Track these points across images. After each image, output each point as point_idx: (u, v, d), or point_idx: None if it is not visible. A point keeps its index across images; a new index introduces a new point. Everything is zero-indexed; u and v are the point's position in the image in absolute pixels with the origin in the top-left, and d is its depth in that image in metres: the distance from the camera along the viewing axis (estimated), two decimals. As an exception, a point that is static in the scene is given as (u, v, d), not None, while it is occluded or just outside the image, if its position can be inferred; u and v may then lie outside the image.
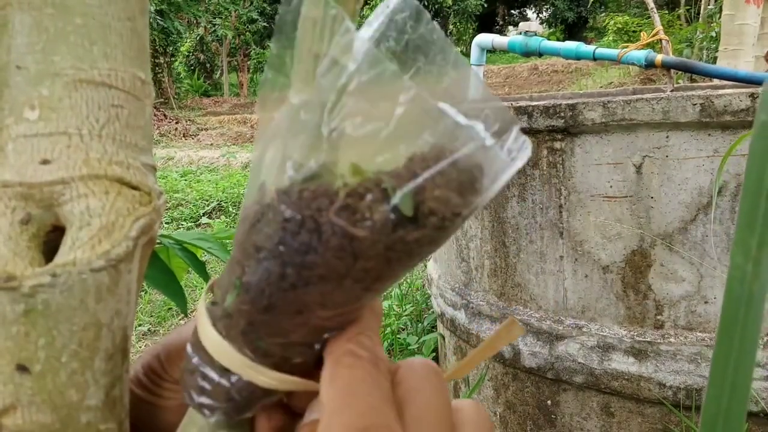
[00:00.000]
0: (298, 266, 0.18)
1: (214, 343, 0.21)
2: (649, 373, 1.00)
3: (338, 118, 0.17)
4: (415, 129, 0.17)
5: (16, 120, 0.24)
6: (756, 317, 0.14)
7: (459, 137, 0.17)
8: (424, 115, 0.17)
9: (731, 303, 0.14)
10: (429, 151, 0.17)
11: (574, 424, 1.11)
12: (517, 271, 1.19)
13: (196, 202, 3.81)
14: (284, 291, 0.18)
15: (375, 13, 0.20)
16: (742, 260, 0.14)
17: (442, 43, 0.19)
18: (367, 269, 0.18)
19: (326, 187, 0.17)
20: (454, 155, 0.17)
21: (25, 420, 0.22)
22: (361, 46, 0.17)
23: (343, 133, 0.17)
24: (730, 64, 2.49)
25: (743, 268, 0.14)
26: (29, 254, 0.22)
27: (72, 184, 0.23)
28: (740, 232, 0.14)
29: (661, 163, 0.99)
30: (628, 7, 9.83)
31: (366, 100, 0.17)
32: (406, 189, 0.17)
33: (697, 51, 5.05)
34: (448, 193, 0.17)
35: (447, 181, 0.17)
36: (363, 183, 0.17)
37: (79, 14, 0.24)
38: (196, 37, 12.74)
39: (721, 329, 0.15)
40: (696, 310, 1.02)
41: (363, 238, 0.17)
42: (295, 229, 0.17)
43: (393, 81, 0.17)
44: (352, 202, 0.17)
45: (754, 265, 0.14)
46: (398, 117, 0.17)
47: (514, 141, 0.18)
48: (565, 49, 1.39)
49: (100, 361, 0.23)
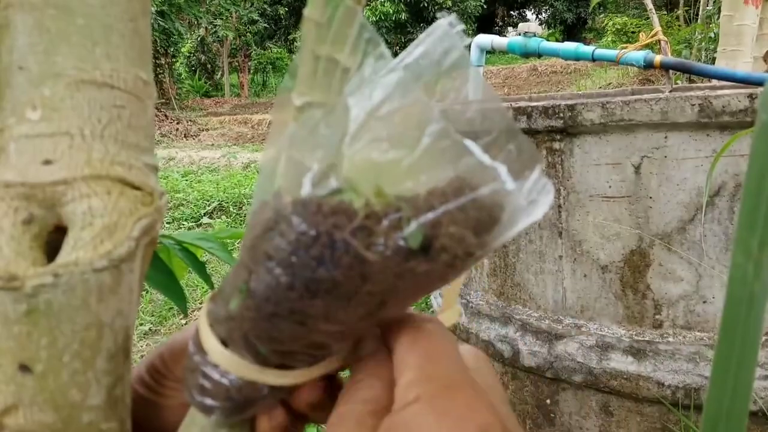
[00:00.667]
0: (307, 279, 0.18)
1: (215, 346, 0.21)
2: (647, 372, 1.00)
3: (364, 141, 0.17)
4: (438, 161, 0.17)
5: (18, 120, 0.24)
6: (757, 317, 0.14)
7: (481, 176, 0.17)
8: (449, 149, 0.17)
9: (732, 303, 0.14)
10: (449, 185, 0.17)
11: (573, 423, 1.11)
12: (516, 270, 1.19)
13: (197, 202, 3.81)
14: (290, 301, 0.18)
15: (418, 40, 0.20)
16: (743, 260, 0.14)
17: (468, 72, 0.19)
18: (373, 293, 0.18)
19: (345, 205, 0.17)
20: (473, 194, 0.17)
21: (27, 420, 0.22)
22: (395, 73, 0.17)
23: (367, 157, 0.17)
24: (728, 64, 2.50)
25: (744, 269, 0.14)
26: (31, 254, 0.23)
27: (74, 185, 0.23)
28: (741, 233, 0.14)
29: (660, 164, 1.00)
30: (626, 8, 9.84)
31: (394, 127, 0.17)
32: (421, 221, 0.17)
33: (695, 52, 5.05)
34: (463, 231, 0.17)
35: (464, 219, 0.17)
36: (383, 207, 0.17)
37: (81, 15, 0.24)
38: (197, 38, 12.73)
39: (723, 329, 0.15)
40: (694, 309, 1.02)
41: (374, 262, 0.17)
42: (309, 242, 0.17)
43: (422, 111, 0.17)
44: (370, 225, 0.17)
45: (755, 265, 0.14)
46: (424, 148, 0.17)
47: (535, 182, 0.18)
48: (564, 49, 1.40)
49: (102, 361, 0.23)
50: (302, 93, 0.20)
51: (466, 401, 0.18)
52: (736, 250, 0.14)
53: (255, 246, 0.19)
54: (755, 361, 0.15)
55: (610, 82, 7.65)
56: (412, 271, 0.18)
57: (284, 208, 0.18)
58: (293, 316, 0.19)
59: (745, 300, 0.14)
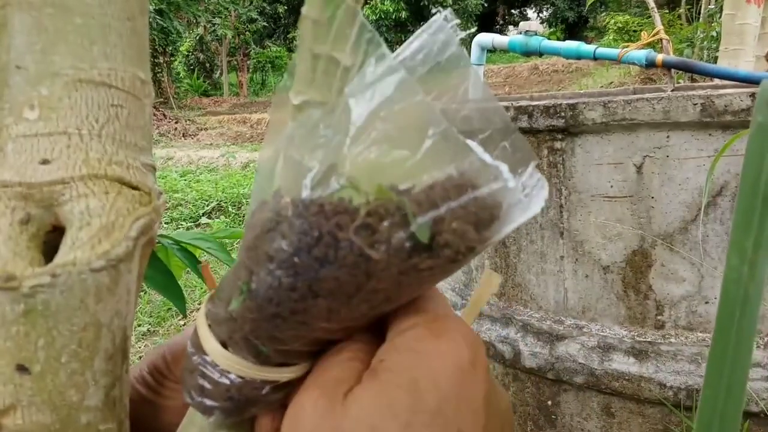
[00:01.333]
0: (310, 279, 0.18)
1: (214, 346, 0.21)
2: (649, 373, 1.00)
3: (365, 142, 0.17)
4: (440, 161, 0.17)
5: (16, 120, 0.24)
6: (751, 318, 0.14)
7: (483, 175, 0.17)
8: (450, 149, 0.17)
9: (727, 304, 0.14)
10: (451, 183, 0.17)
11: (575, 425, 1.11)
12: (518, 271, 1.19)
13: (195, 202, 3.81)
14: (293, 302, 0.18)
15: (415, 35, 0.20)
16: (737, 262, 0.14)
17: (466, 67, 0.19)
18: (377, 290, 0.18)
19: (347, 204, 0.17)
20: (476, 191, 0.17)
21: (24, 420, 0.22)
22: (397, 74, 0.17)
23: (369, 157, 0.17)
24: (730, 63, 2.49)
25: (739, 270, 0.14)
26: (29, 254, 0.22)
27: (72, 184, 0.23)
28: (736, 234, 0.14)
29: (662, 163, 0.99)
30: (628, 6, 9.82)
31: (395, 128, 0.17)
32: (427, 217, 0.17)
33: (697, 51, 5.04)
34: (465, 226, 0.18)
35: (466, 215, 0.17)
36: (384, 204, 0.17)
37: (79, 14, 0.24)
38: (195, 37, 12.74)
39: (717, 330, 0.15)
40: (697, 310, 1.02)
41: (378, 260, 0.17)
42: (312, 242, 0.17)
43: (424, 111, 0.17)
44: (373, 222, 0.17)
45: (750, 266, 0.14)
46: (426, 149, 0.17)
47: (530, 177, 0.19)
48: (565, 48, 1.39)
49: (100, 362, 0.23)
50: (300, 92, 0.20)
51: (458, 325, 0.20)
52: (731, 251, 0.14)
53: (255, 247, 0.19)
54: (749, 362, 0.15)
55: (611, 81, 7.63)
56: (416, 267, 0.18)
57: (284, 209, 0.18)
58: (296, 316, 0.18)
59: (739, 301, 0.14)
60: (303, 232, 0.17)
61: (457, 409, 0.18)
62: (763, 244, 0.13)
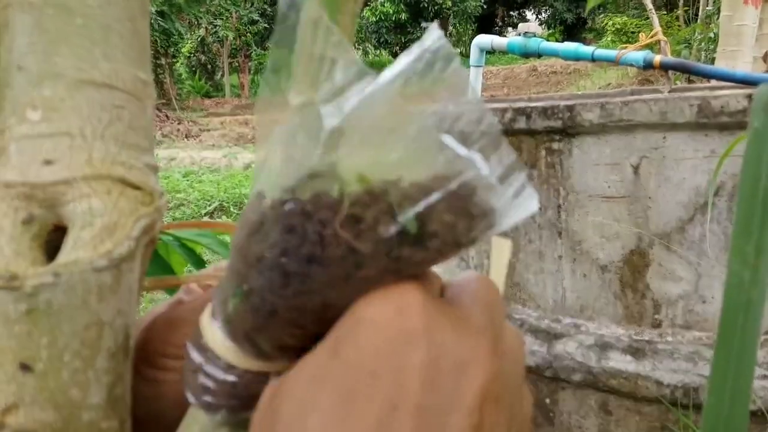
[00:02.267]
0: (300, 277, 0.18)
1: (220, 341, 0.21)
2: (646, 371, 1.01)
3: (341, 147, 0.17)
4: (419, 159, 0.18)
5: (19, 120, 0.24)
6: (754, 324, 0.14)
7: (459, 166, 0.18)
8: (429, 147, 0.17)
9: (730, 310, 0.14)
10: (432, 176, 0.18)
11: (573, 423, 1.11)
12: (516, 270, 1.19)
13: (197, 202, 3.82)
14: (287, 299, 0.18)
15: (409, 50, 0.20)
16: (739, 268, 0.14)
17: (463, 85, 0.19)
18: (368, 278, 0.18)
19: (329, 198, 0.17)
20: (456, 181, 0.18)
21: (27, 418, 0.22)
22: (368, 77, 0.17)
23: (346, 161, 0.17)
24: (728, 65, 2.49)
25: (741, 276, 0.14)
26: (32, 254, 0.23)
27: (74, 184, 0.23)
28: (736, 240, 0.14)
29: (659, 164, 1.00)
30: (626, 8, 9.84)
31: (373, 131, 0.17)
32: (416, 208, 0.17)
33: (695, 52, 5.05)
34: (453, 218, 0.18)
35: (451, 207, 0.18)
36: (368, 192, 0.17)
37: (80, 15, 0.24)
38: (197, 38, 12.72)
39: (720, 336, 0.15)
40: (694, 309, 1.02)
41: (365, 251, 0.17)
42: (297, 242, 0.17)
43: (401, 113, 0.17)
44: (357, 212, 0.17)
45: (752, 272, 0.14)
46: (403, 146, 0.17)
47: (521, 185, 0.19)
48: (564, 50, 1.40)
49: (103, 360, 0.23)
50: (299, 93, 0.20)
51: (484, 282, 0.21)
52: (732, 257, 0.14)
53: (243, 248, 0.19)
54: (753, 367, 0.15)
55: (609, 82, 7.65)
56: (404, 257, 0.18)
57: (267, 210, 0.18)
58: (292, 312, 0.19)
59: (742, 307, 0.14)
60: (287, 231, 0.18)
61: (388, 378, 0.16)
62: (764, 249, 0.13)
